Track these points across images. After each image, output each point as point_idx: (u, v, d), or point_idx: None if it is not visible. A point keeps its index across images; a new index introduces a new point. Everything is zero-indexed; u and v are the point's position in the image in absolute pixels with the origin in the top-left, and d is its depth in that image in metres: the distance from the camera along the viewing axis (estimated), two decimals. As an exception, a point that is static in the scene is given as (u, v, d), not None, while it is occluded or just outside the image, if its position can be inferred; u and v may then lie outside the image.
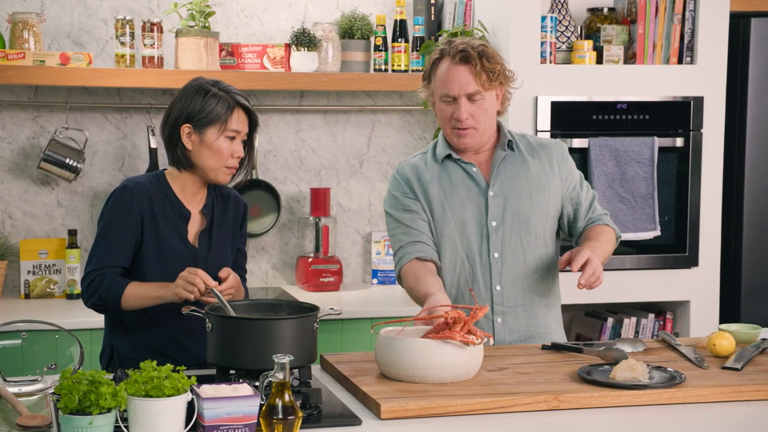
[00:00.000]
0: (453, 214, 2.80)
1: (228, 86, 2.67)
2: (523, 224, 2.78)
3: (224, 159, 2.63)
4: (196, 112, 2.62)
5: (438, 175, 2.83)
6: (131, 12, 3.93)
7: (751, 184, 4.08)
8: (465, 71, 2.72)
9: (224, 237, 2.74)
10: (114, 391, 1.85)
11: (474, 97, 2.73)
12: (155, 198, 2.65)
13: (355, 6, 4.13)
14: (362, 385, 2.27)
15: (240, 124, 2.64)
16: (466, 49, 2.73)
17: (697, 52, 3.93)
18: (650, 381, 2.30)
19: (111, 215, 2.63)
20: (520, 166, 2.82)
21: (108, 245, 2.62)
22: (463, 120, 2.73)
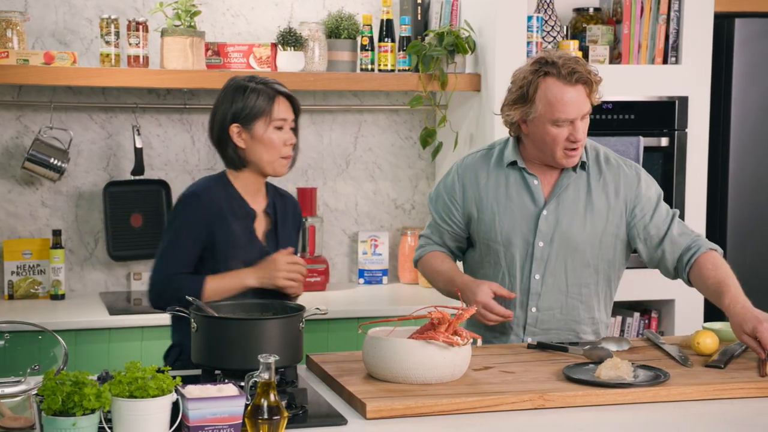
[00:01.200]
0: (502, 227, 2.75)
1: (264, 78, 2.71)
2: (571, 249, 2.71)
3: (278, 149, 2.67)
4: (239, 110, 2.66)
5: (496, 182, 2.76)
6: (116, 11, 3.92)
7: (735, 184, 4.10)
8: (582, 92, 2.62)
9: (289, 237, 2.79)
10: (98, 391, 1.84)
11: (586, 116, 2.66)
12: (223, 199, 2.68)
13: (341, 5, 4.12)
14: (348, 385, 2.27)
15: (285, 112, 2.68)
16: (576, 69, 2.61)
17: (682, 53, 3.95)
18: (635, 380, 2.31)
19: (180, 222, 2.66)
20: (582, 188, 2.73)
21: (177, 252, 2.65)
22: (580, 140, 2.65)
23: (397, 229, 4.31)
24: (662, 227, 2.73)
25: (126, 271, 4.02)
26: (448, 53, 3.89)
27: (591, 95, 2.65)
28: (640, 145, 3.86)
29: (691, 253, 2.69)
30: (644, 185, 2.76)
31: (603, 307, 2.82)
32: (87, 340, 3.46)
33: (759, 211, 4.12)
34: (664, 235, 2.72)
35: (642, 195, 2.75)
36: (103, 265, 4.00)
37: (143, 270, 4.01)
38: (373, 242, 4.19)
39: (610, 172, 2.76)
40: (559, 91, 2.62)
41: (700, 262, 2.67)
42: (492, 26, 3.80)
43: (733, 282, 2.60)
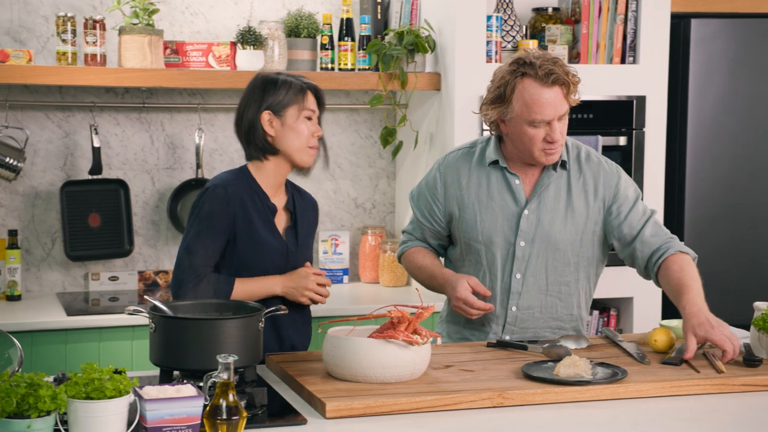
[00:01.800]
0: (483, 226, 2.76)
1: (290, 72, 2.77)
2: (552, 249, 2.73)
3: (307, 138, 2.70)
4: (271, 100, 2.70)
5: (478, 181, 2.77)
6: (73, 9, 3.88)
7: (692, 182, 4.15)
8: (558, 93, 2.63)
9: (307, 235, 2.81)
10: (53, 393, 1.82)
11: (563, 116, 2.67)
12: (245, 193, 2.69)
13: (301, 4, 4.11)
14: (308, 385, 2.26)
15: (313, 104, 2.73)
16: (553, 70, 2.62)
17: (640, 52, 3.98)
18: (593, 377, 2.32)
19: (205, 218, 2.66)
20: (563, 188, 2.75)
21: (205, 249, 2.65)
22: (558, 140, 2.66)
23: (357, 229, 4.31)
24: (636, 227, 2.75)
25: (84, 272, 3.99)
26: (408, 52, 3.90)
27: (568, 96, 2.66)
28: (599, 144, 3.89)
29: (660, 254, 2.72)
30: (623, 184, 2.78)
31: (583, 303, 2.84)
32: (43, 342, 3.42)
33: (715, 208, 4.18)
34: (636, 235, 2.74)
35: (620, 193, 2.76)
36: (61, 265, 3.96)
37: (101, 270, 3.98)
38: (334, 241, 4.19)
39: (590, 169, 2.77)
40: (535, 92, 2.63)
41: (667, 263, 2.70)
42: (451, 26, 3.81)
43: (695, 285, 2.63)
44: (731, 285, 4.19)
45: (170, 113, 4.06)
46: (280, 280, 2.70)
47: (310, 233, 2.84)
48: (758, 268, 4.22)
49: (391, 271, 4.12)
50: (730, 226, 4.19)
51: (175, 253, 4.05)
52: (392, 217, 4.35)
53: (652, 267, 2.73)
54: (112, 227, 3.92)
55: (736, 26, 4.15)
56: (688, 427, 2.13)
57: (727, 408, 2.25)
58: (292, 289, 2.70)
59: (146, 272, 4.03)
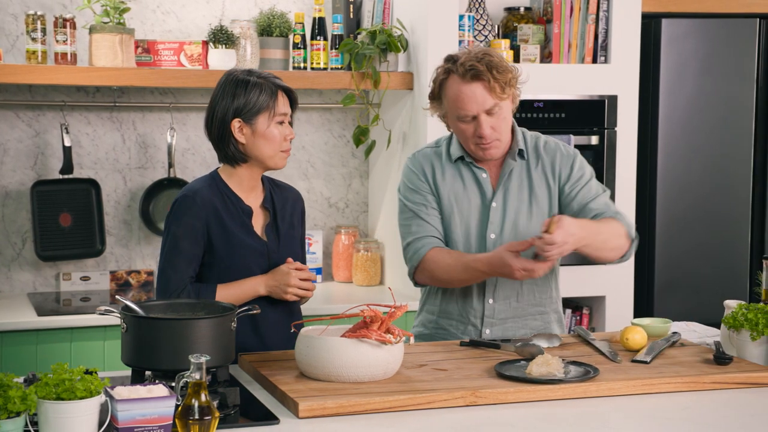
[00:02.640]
0: (461, 219, 2.79)
1: (262, 72, 2.70)
2: (521, 237, 2.75)
3: (279, 144, 2.67)
4: (242, 105, 2.63)
5: (451, 175, 2.81)
6: (42, 7, 3.85)
7: (663, 182, 4.18)
8: (479, 88, 2.66)
9: (290, 229, 2.77)
10: (23, 394, 1.80)
11: (492, 111, 2.69)
12: (217, 200, 2.66)
13: (273, 3, 4.10)
14: (280, 384, 2.26)
15: (285, 107, 2.69)
16: (474, 65, 2.65)
17: (611, 52, 4.01)
18: (565, 376, 2.34)
19: (177, 228, 2.64)
20: (524, 178, 2.79)
21: (180, 259, 2.63)
22: (487, 136, 2.69)
23: (330, 228, 4.30)
24: (583, 202, 2.78)
25: (55, 272, 3.96)
26: (380, 52, 3.90)
27: (493, 91, 2.67)
28: (571, 143, 3.91)
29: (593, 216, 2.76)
30: (578, 165, 2.82)
31: (555, 284, 2.88)
32: (14, 342, 3.39)
33: (686, 207, 4.21)
34: (583, 207, 2.78)
35: (574, 174, 2.80)
36: (31, 265, 3.93)
37: (72, 270, 3.95)
38: (307, 241, 4.18)
39: (547, 155, 2.81)
40: (458, 89, 2.69)
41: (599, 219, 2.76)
42: (424, 25, 3.81)
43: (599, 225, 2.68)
44: (702, 283, 4.23)
45: (142, 112, 4.04)
46: (263, 280, 2.67)
47: (295, 226, 2.80)
48: (729, 267, 4.26)
49: (364, 271, 4.12)
50: (701, 224, 4.22)
51: (147, 253, 4.05)
52: (365, 216, 4.35)
53: None
54: (83, 227, 3.89)
55: (707, 26, 4.19)
56: (659, 425, 2.14)
57: (698, 406, 2.26)
58: (275, 288, 2.67)
59: (118, 272, 4.01)
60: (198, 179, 2.77)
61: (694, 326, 3.03)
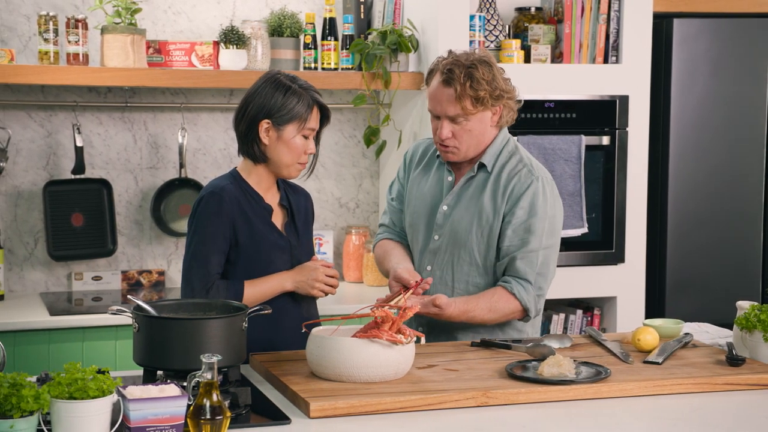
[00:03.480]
0: (416, 216, 2.87)
1: (305, 83, 2.72)
2: (458, 246, 2.78)
3: (298, 155, 2.70)
4: (276, 108, 2.66)
5: (422, 172, 2.89)
6: (55, 8, 3.86)
7: (675, 182, 4.17)
8: (447, 93, 2.68)
9: (306, 227, 2.83)
10: (36, 393, 1.81)
11: (456, 119, 2.70)
12: (241, 199, 2.70)
13: (284, 4, 4.11)
14: (291, 384, 2.26)
15: (315, 122, 2.71)
16: (452, 70, 2.66)
17: (622, 52, 4.00)
18: (576, 377, 2.33)
19: (205, 224, 2.66)
20: (479, 189, 2.78)
21: (209, 255, 2.65)
22: (443, 139, 2.72)
23: (341, 228, 4.31)
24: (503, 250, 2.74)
25: (67, 271, 3.97)
26: (391, 52, 3.90)
27: (460, 101, 2.66)
28: (582, 144, 3.90)
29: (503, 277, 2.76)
30: (527, 199, 2.72)
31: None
32: (26, 341, 3.40)
33: (698, 208, 4.19)
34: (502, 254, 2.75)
35: (516, 210, 2.72)
36: (43, 265, 3.94)
37: (84, 270, 3.96)
38: (318, 241, 4.18)
39: (507, 176, 2.76)
40: (433, 86, 2.74)
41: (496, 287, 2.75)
42: (434, 25, 3.81)
43: (477, 302, 2.72)
44: (714, 284, 4.21)
45: (153, 112, 4.05)
46: (290, 276, 2.70)
47: (308, 225, 2.86)
48: (741, 268, 4.25)
49: (375, 271, 4.12)
50: (713, 225, 4.21)
51: (159, 253, 4.06)
52: (376, 216, 4.35)
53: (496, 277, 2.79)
54: (95, 227, 3.90)
55: (719, 26, 4.17)
56: (671, 426, 2.14)
57: (710, 407, 2.26)
58: (303, 283, 2.69)
59: (129, 272, 4.02)
60: (220, 177, 2.79)
61: (706, 327, 3.02)
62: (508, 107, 2.75)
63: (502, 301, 2.72)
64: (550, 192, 2.76)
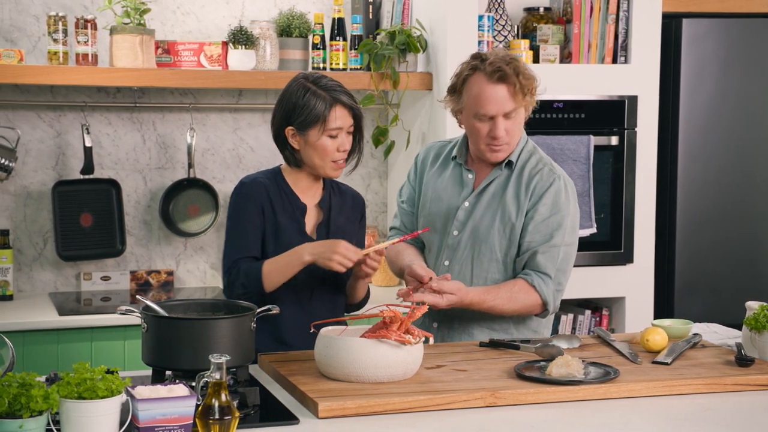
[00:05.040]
0: (433, 215, 2.87)
1: (329, 82, 2.70)
2: (479, 242, 2.79)
3: (330, 155, 2.70)
4: (296, 114, 2.68)
5: (439, 172, 2.90)
6: (64, 8, 3.87)
7: (684, 182, 4.16)
8: (503, 90, 2.69)
9: (341, 229, 2.79)
10: (45, 393, 1.81)
11: (510, 115, 2.72)
12: (272, 192, 2.74)
13: (292, 4, 4.11)
14: (300, 384, 2.26)
15: (341, 120, 2.68)
16: (502, 67, 2.68)
17: (631, 52, 3.99)
18: (585, 377, 2.33)
19: (234, 210, 2.74)
20: (501, 186, 2.80)
21: (237, 239, 2.72)
22: (500, 138, 2.73)
23: (349, 228, 4.30)
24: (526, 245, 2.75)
25: (76, 271, 3.98)
26: (399, 52, 3.90)
27: (516, 96, 2.70)
28: (591, 144, 3.89)
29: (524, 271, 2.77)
30: (549, 199, 2.75)
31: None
32: (35, 341, 3.41)
33: (707, 208, 4.18)
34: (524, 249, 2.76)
35: (539, 209, 2.75)
36: (53, 265, 3.95)
37: (93, 270, 3.97)
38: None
39: (528, 174, 2.79)
40: (481, 87, 2.72)
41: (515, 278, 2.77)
42: (443, 25, 3.81)
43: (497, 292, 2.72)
44: (723, 284, 4.20)
45: (162, 113, 4.05)
46: (307, 247, 2.65)
47: (348, 229, 2.81)
48: (750, 268, 4.23)
49: (383, 271, 4.12)
50: (722, 225, 4.20)
51: (167, 253, 4.07)
52: (384, 216, 4.34)
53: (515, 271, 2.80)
54: (104, 227, 3.91)
55: (728, 26, 4.16)
56: (680, 426, 2.13)
57: (719, 407, 2.25)
58: (321, 255, 2.61)
59: (138, 272, 4.03)
60: (260, 171, 2.86)
61: (715, 327, 3.01)
62: (533, 102, 2.79)
63: (522, 292, 2.73)
64: (571, 191, 2.82)
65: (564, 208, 2.77)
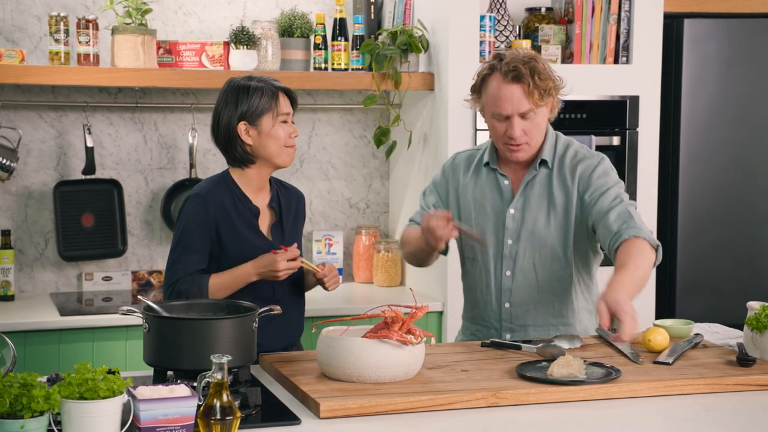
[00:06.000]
0: (478, 225, 2.83)
1: (261, 76, 2.82)
2: (538, 245, 2.77)
3: (284, 140, 2.77)
4: (245, 109, 2.75)
5: (475, 181, 2.86)
6: (65, 8, 3.87)
7: (685, 182, 4.15)
8: (517, 90, 2.70)
9: (294, 228, 2.87)
10: (47, 393, 1.81)
11: (527, 115, 2.72)
12: (226, 199, 2.77)
13: (294, 4, 4.11)
14: (301, 385, 2.26)
15: (287, 106, 2.79)
16: (517, 67, 2.69)
17: (633, 52, 3.99)
18: (587, 377, 2.33)
19: (186, 223, 2.75)
20: (545, 185, 2.80)
21: (185, 253, 2.73)
22: (516, 138, 2.72)
23: (351, 229, 4.31)
24: (603, 211, 2.74)
25: (77, 272, 3.98)
26: (401, 52, 3.89)
27: (531, 96, 2.69)
28: (592, 144, 3.89)
29: (614, 239, 2.69)
30: (599, 172, 2.78)
31: (581, 294, 2.85)
32: (37, 342, 3.41)
33: (708, 208, 4.18)
34: (602, 219, 2.73)
35: (594, 182, 2.77)
36: (54, 265, 3.95)
37: (95, 270, 3.97)
38: (328, 241, 4.19)
39: (571, 164, 2.80)
40: (497, 87, 2.72)
41: (620, 248, 2.66)
42: (445, 25, 3.81)
43: (631, 266, 2.56)
44: (725, 284, 4.20)
45: (163, 113, 4.06)
46: (252, 267, 2.72)
47: (296, 225, 2.90)
48: (752, 268, 4.23)
49: (385, 271, 4.12)
50: (724, 225, 4.20)
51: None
52: (386, 217, 4.35)
53: (611, 253, 2.70)
54: (105, 227, 3.91)
55: (729, 26, 4.16)
56: (681, 426, 2.13)
57: (720, 408, 2.25)
58: (266, 274, 2.71)
59: (140, 272, 4.03)
60: (208, 178, 2.86)
61: (717, 327, 3.01)
62: (558, 101, 2.80)
63: (639, 247, 2.62)
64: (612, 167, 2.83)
65: (614, 173, 2.80)
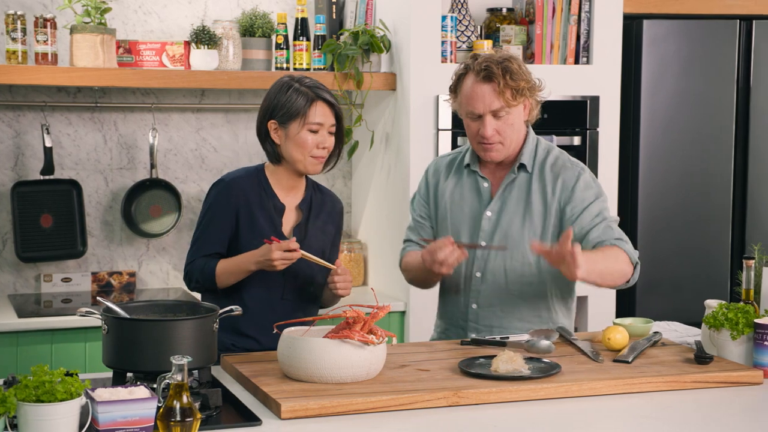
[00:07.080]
0: (452, 226, 2.85)
1: (311, 81, 2.79)
2: (510, 249, 2.78)
3: (309, 150, 2.75)
4: (278, 107, 2.76)
5: (454, 183, 2.88)
6: (23, 7, 3.83)
7: (645, 182, 4.19)
8: (488, 89, 2.72)
9: (319, 232, 2.84)
10: (3, 396, 1.79)
11: (499, 113, 2.73)
12: (251, 190, 2.79)
13: (255, 4, 4.10)
14: (263, 386, 2.25)
15: (322, 117, 2.76)
16: (489, 66, 2.71)
17: (593, 53, 4.02)
18: (531, 372, 2.35)
19: (208, 208, 2.80)
20: (523, 189, 2.81)
21: (204, 236, 2.79)
22: (488, 137, 2.74)
23: (313, 229, 4.29)
24: (585, 227, 2.76)
25: (35, 273, 3.94)
26: (363, 52, 3.89)
27: (502, 95, 2.71)
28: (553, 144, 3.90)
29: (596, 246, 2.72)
30: (582, 185, 2.79)
31: (554, 305, 2.85)
32: (-5, 344, 3.37)
33: (668, 208, 4.22)
34: (584, 235, 2.75)
35: (576, 196, 2.78)
36: (12, 266, 3.91)
37: (54, 271, 3.93)
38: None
39: (552, 172, 2.81)
40: (470, 86, 2.75)
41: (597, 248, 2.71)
42: (407, 26, 3.82)
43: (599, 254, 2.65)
44: (683, 283, 4.24)
45: (123, 113, 4.02)
46: (251, 255, 2.72)
47: (325, 231, 2.86)
48: (710, 267, 4.28)
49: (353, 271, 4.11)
50: (683, 225, 4.24)
51: (129, 254, 4.04)
52: (348, 217, 4.34)
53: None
54: (64, 228, 3.88)
55: (688, 27, 4.21)
56: (640, 424, 2.15)
57: (679, 405, 2.27)
58: (263, 263, 2.70)
59: (100, 273, 3.99)
60: (242, 168, 2.89)
61: (675, 326, 3.04)
62: (536, 102, 2.81)
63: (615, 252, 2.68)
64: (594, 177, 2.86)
65: (596, 185, 2.81)
